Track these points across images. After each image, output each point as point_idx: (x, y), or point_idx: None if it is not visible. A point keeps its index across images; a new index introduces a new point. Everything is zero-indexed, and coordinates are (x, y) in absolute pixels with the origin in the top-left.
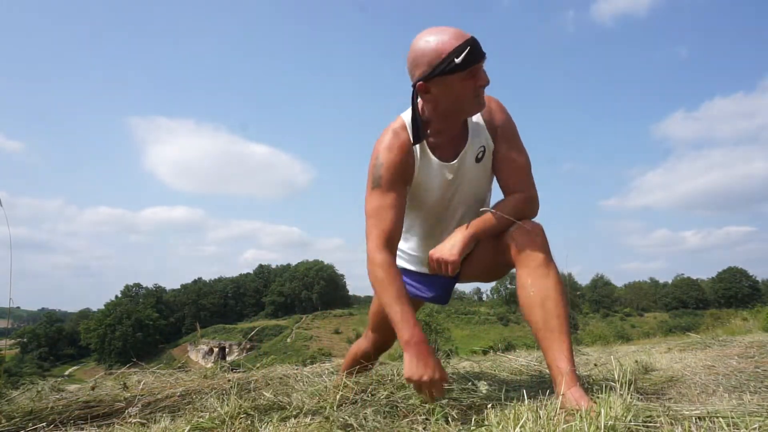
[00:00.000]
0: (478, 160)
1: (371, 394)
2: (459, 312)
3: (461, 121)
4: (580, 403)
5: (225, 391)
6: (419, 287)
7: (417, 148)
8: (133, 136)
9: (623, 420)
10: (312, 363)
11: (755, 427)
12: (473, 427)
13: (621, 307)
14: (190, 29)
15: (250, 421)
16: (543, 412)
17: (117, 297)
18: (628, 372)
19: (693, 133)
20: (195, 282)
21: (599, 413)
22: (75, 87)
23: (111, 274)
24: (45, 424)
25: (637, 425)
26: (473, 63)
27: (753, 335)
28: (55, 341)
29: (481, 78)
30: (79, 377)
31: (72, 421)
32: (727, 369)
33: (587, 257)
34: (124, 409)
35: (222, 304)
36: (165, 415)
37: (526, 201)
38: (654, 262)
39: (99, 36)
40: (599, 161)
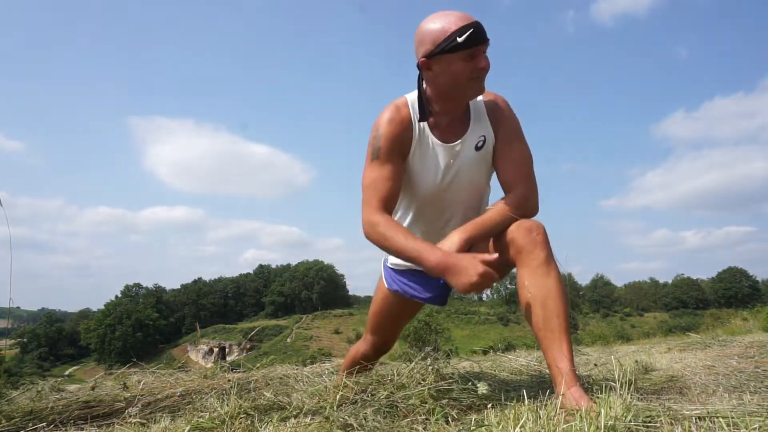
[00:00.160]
0: (477, 148)
1: (371, 394)
2: (459, 312)
3: (462, 106)
4: (580, 403)
5: (225, 391)
6: (416, 288)
7: (417, 124)
8: (133, 136)
9: (623, 420)
10: (312, 363)
11: (755, 427)
12: (473, 427)
13: (621, 307)
14: (190, 29)
15: (250, 421)
16: (543, 412)
17: (117, 297)
18: (628, 372)
19: (693, 133)
20: (195, 282)
21: (599, 413)
22: (75, 87)
23: (111, 274)
24: (45, 424)
25: (637, 425)
26: (474, 45)
27: (753, 335)
28: (55, 341)
29: (481, 61)
30: (79, 377)
31: (72, 421)
32: (727, 369)
33: (587, 257)
34: (124, 409)
35: (222, 304)
36: (165, 415)
37: (524, 199)
38: (654, 262)
39: (99, 36)
40: (599, 161)
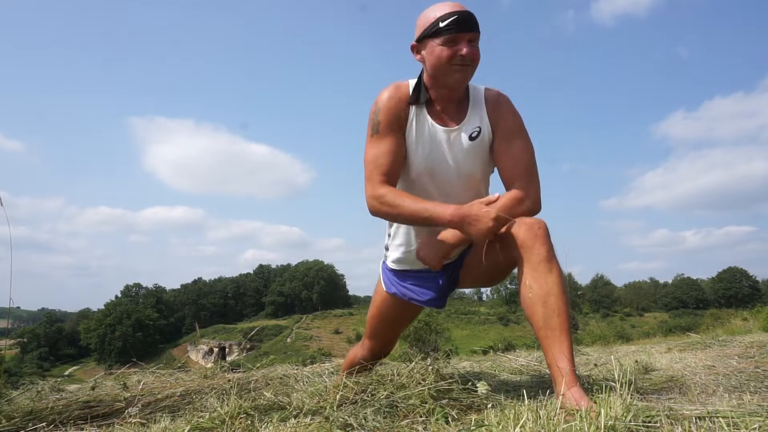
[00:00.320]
0: (472, 138)
1: (371, 394)
2: (459, 312)
3: (453, 94)
4: (580, 403)
5: (225, 391)
6: (415, 290)
7: (413, 104)
8: (133, 136)
9: (623, 420)
10: (312, 363)
11: (755, 427)
12: (473, 427)
13: (621, 307)
14: (190, 29)
15: (250, 421)
16: (543, 412)
17: (117, 297)
18: (628, 372)
19: (693, 133)
20: (195, 282)
21: (599, 413)
22: (75, 87)
23: (111, 274)
24: (45, 424)
25: (637, 425)
26: (456, 31)
27: (753, 335)
28: (55, 341)
29: (462, 48)
30: (79, 377)
31: (72, 421)
32: (727, 369)
33: (587, 257)
34: (124, 409)
35: (222, 304)
36: (165, 415)
37: (524, 196)
38: (654, 262)
39: (99, 36)
40: (599, 161)
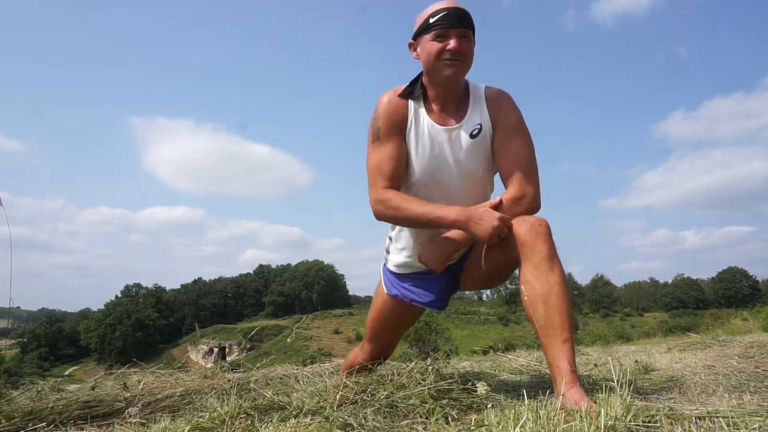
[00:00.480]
0: (472, 136)
1: (371, 394)
2: (459, 312)
3: (450, 91)
4: (580, 403)
5: (225, 391)
6: (416, 292)
7: (411, 105)
8: (133, 136)
9: (623, 420)
10: (312, 363)
11: (755, 427)
12: (473, 427)
13: (621, 307)
14: (189, 29)
15: (250, 421)
16: (543, 412)
17: (117, 297)
18: (628, 372)
19: (693, 133)
20: (195, 282)
21: (599, 413)
22: (75, 87)
23: (111, 274)
24: (45, 424)
25: (637, 425)
26: (446, 27)
27: (753, 335)
28: (55, 341)
29: (450, 43)
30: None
31: (72, 421)
32: (727, 369)
33: (587, 257)
34: (124, 409)
35: (222, 304)
36: (165, 415)
37: (522, 194)
38: (654, 262)
39: (99, 36)
40: (599, 161)
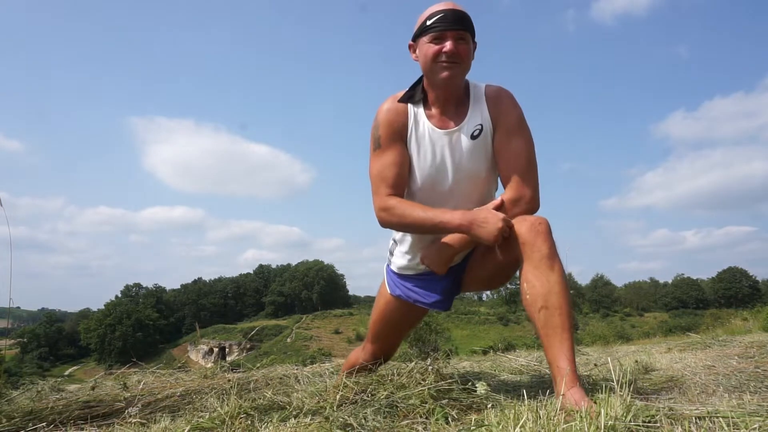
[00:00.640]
0: (473, 137)
1: (371, 394)
2: (459, 312)
3: (448, 93)
4: (579, 404)
5: (225, 391)
6: (420, 293)
7: (411, 110)
8: (133, 136)
9: (623, 420)
10: (312, 363)
11: (755, 427)
12: (473, 427)
13: (621, 307)
14: (190, 29)
15: (250, 421)
16: (543, 412)
17: (117, 297)
18: (628, 372)
19: (693, 133)
20: (195, 282)
21: (599, 413)
22: (75, 87)
23: (111, 274)
24: (45, 424)
25: (637, 425)
26: (442, 29)
27: (753, 335)
28: (55, 341)
29: (446, 45)
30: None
31: (72, 421)
32: (727, 369)
33: (587, 257)
34: (124, 409)
35: (222, 304)
36: (165, 415)
37: (521, 195)
38: (654, 262)
39: (99, 36)
40: (599, 161)
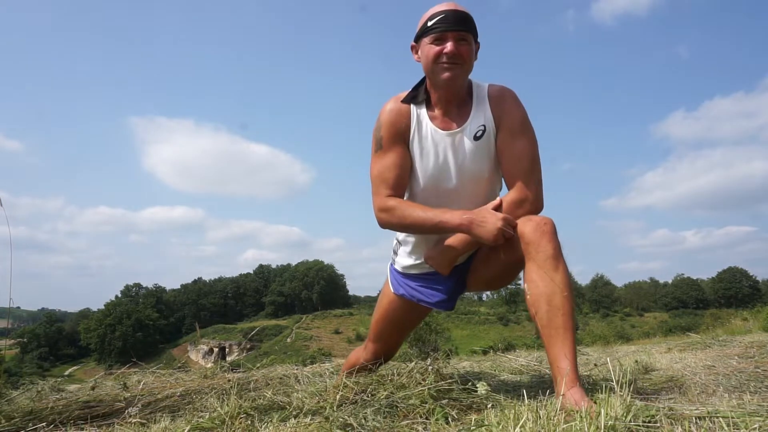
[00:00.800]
0: (476, 138)
1: (371, 394)
2: (459, 312)
3: (451, 94)
4: (580, 404)
5: (225, 391)
6: (424, 292)
7: (414, 112)
8: (133, 136)
9: (623, 420)
10: (312, 363)
11: (755, 427)
12: (473, 427)
13: (621, 307)
14: (190, 29)
15: (250, 421)
16: (543, 412)
17: (117, 297)
18: (628, 372)
19: (693, 133)
20: (195, 282)
21: (599, 413)
22: (75, 87)
23: (111, 274)
24: (45, 424)
25: (637, 425)
26: (443, 29)
27: (753, 335)
28: (55, 341)
29: (446, 46)
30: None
31: (72, 421)
32: (727, 369)
33: (587, 257)
34: (124, 409)
35: (222, 304)
36: (165, 415)
37: (524, 195)
38: (654, 262)
39: (99, 35)
40: (599, 161)
